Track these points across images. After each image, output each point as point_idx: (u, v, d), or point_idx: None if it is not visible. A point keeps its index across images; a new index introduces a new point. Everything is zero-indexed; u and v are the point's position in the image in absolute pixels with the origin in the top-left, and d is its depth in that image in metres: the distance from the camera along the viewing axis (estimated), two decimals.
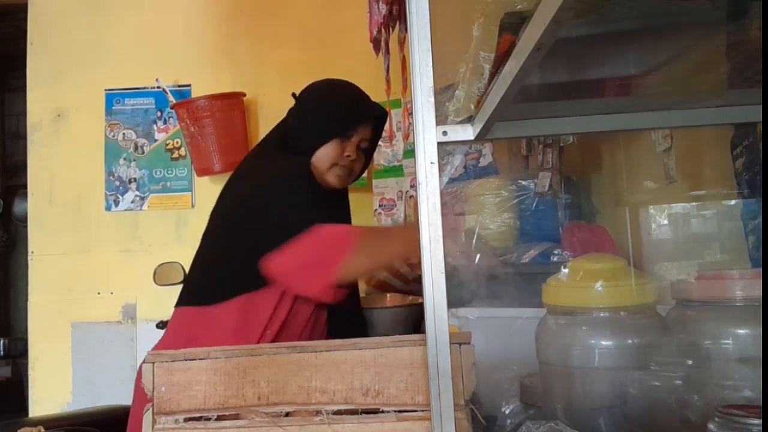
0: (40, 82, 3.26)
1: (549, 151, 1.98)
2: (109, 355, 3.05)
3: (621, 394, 1.01)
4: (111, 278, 3.13)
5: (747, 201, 1.26)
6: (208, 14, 3.20)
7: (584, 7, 0.61)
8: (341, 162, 1.53)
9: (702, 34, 0.76)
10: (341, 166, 1.53)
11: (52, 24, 3.27)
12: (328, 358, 0.96)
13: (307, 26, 3.14)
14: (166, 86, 3.08)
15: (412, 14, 0.85)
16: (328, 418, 0.93)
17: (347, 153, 1.53)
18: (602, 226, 1.90)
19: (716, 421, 0.77)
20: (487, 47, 0.78)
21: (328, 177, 1.53)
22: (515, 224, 1.94)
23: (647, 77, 0.90)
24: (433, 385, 0.85)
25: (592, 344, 1.04)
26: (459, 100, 0.90)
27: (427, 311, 0.84)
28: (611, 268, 1.08)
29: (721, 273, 0.99)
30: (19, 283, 4.99)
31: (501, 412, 1.28)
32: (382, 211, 2.89)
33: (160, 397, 0.97)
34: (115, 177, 3.21)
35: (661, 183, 1.62)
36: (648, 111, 1.02)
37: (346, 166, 1.54)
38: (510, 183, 1.96)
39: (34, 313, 3.17)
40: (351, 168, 1.56)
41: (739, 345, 0.91)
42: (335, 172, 1.53)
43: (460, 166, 2.29)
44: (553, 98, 0.99)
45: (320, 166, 1.52)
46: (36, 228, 3.22)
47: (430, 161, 0.85)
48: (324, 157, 1.51)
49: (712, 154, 1.45)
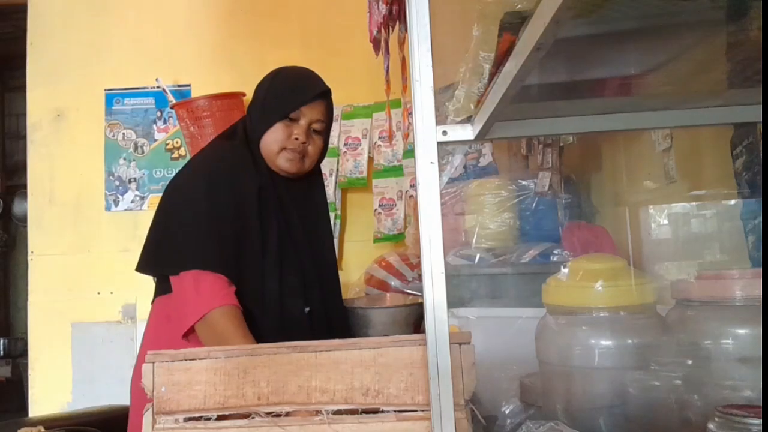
0: (40, 82, 3.26)
1: (549, 151, 1.98)
2: (109, 355, 3.05)
3: (621, 394, 1.01)
4: (111, 278, 3.13)
5: (747, 201, 1.26)
6: (208, 14, 3.20)
7: (584, 7, 0.61)
8: (289, 145, 1.49)
9: (702, 34, 0.76)
10: (290, 149, 1.49)
11: (52, 24, 3.27)
12: (328, 358, 0.96)
13: (307, 26, 3.14)
14: (166, 86, 3.08)
15: (412, 14, 0.85)
16: (328, 418, 0.93)
17: (295, 135, 1.49)
18: (602, 226, 1.90)
19: (716, 420, 0.77)
20: (487, 47, 0.79)
21: (278, 161, 1.50)
22: (515, 224, 1.94)
23: (647, 77, 0.90)
24: (433, 385, 0.85)
25: (592, 344, 1.04)
26: (459, 100, 0.90)
27: (427, 311, 0.84)
28: (611, 268, 1.08)
29: (721, 273, 0.99)
30: (19, 283, 4.99)
31: (501, 412, 1.28)
32: (382, 211, 2.89)
33: (160, 396, 0.97)
34: (115, 177, 3.21)
35: (661, 183, 1.62)
36: (648, 111, 1.02)
37: (296, 149, 1.50)
38: (510, 183, 1.97)
39: (34, 313, 3.17)
40: (303, 151, 1.51)
41: (739, 345, 0.91)
42: (285, 156, 1.50)
43: (460, 165, 2.29)
44: (553, 98, 0.99)
45: (269, 150, 1.50)
46: (36, 228, 3.22)
47: (430, 161, 0.85)
48: (271, 142, 1.49)
49: (712, 154, 1.46)
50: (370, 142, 2.97)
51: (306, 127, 1.50)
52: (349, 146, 2.97)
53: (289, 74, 1.58)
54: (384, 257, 2.50)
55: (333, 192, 2.96)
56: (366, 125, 2.97)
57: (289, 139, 1.49)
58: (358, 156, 2.96)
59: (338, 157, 2.98)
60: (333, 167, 2.97)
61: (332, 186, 2.96)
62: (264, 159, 1.51)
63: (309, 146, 1.52)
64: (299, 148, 1.50)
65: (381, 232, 2.89)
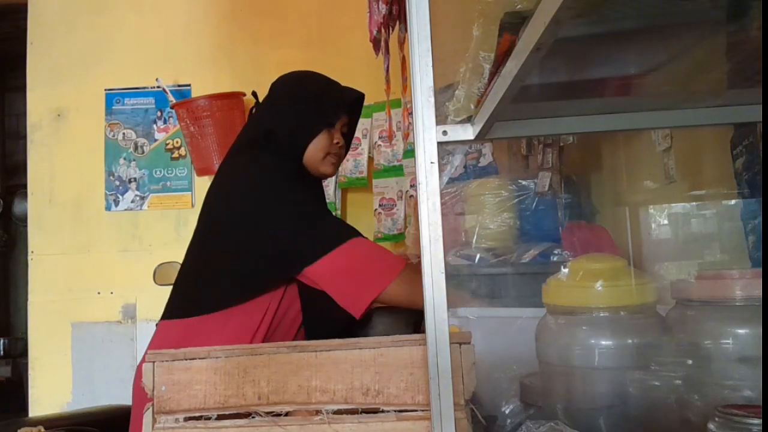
0: (40, 82, 3.26)
1: (549, 150, 1.98)
2: (109, 355, 3.05)
3: (621, 394, 1.01)
4: (111, 278, 3.13)
5: (747, 201, 1.26)
6: (208, 14, 3.20)
7: (584, 7, 0.61)
8: (332, 150, 1.58)
9: (702, 34, 0.76)
10: (333, 154, 1.58)
11: (52, 24, 3.27)
12: (328, 358, 0.96)
13: (307, 26, 3.14)
14: (166, 86, 3.08)
15: (412, 14, 0.85)
16: (328, 418, 0.93)
17: (336, 140, 1.58)
18: (602, 226, 1.90)
19: (716, 421, 0.77)
20: (487, 47, 0.79)
21: (322, 168, 1.58)
22: (515, 224, 1.94)
23: (647, 77, 0.90)
24: (433, 384, 0.85)
25: (592, 344, 1.04)
26: (459, 100, 0.90)
27: (427, 311, 0.84)
28: (611, 268, 1.08)
29: (721, 273, 0.99)
30: (19, 283, 4.99)
31: (501, 412, 1.28)
32: (382, 211, 2.89)
33: (161, 396, 0.97)
34: (115, 177, 3.21)
35: (661, 183, 1.62)
36: (648, 111, 1.02)
37: (337, 153, 1.60)
38: (510, 183, 1.96)
39: (34, 313, 3.17)
40: (340, 154, 1.62)
41: (739, 345, 0.91)
42: (329, 161, 1.58)
43: (460, 165, 2.29)
44: (553, 98, 0.99)
45: (314, 159, 1.56)
46: (36, 228, 3.22)
47: (430, 161, 0.85)
48: (317, 151, 1.55)
49: (712, 154, 1.45)
50: (370, 142, 2.97)
51: (340, 131, 1.60)
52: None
53: (318, 81, 1.63)
54: None
55: (333, 192, 2.96)
56: (366, 125, 2.97)
57: (332, 145, 1.56)
58: (358, 156, 2.96)
59: None
60: None
61: (332, 186, 2.96)
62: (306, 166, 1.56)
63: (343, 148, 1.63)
64: (340, 153, 1.61)
65: (381, 232, 2.89)
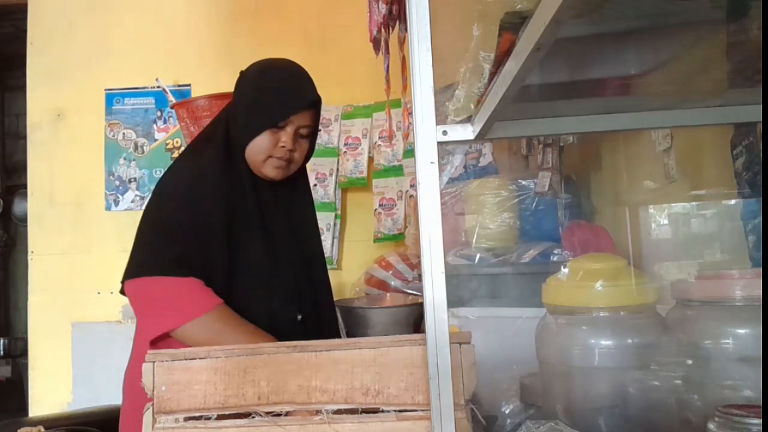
0: (40, 82, 3.26)
1: (549, 150, 1.98)
2: (109, 355, 3.04)
3: (621, 394, 1.01)
4: (111, 278, 3.11)
5: (747, 201, 1.26)
6: (208, 14, 3.20)
7: (584, 7, 0.61)
8: (276, 153, 1.44)
9: (702, 34, 0.76)
10: (277, 157, 1.45)
11: (52, 24, 3.27)
12: (328, 358, 0.96)
13: (307, 26, 3.14)
14: (166, 86, 3.08)
15: (412, 14, 0.85)
16: (328, 418, 0.93)
17: (282, 143, 1.44)
18: (602, 226, 1.90)
19: (716, 420, 0.77)
20: (487, 47, 0.79)
21: (264, 170, 1.46)
22: (515, 224, 1.94)
23: (647, 77, 0.90)
24: (433, 384, 0.85)
25: (592, 344, 1.04)
26: (459, 100, 0.90)
27: (427, 311, 0.84)
28: (611, 268, 1.08)
29: (721, 273, 0.99)
30: (19, 283, 4.99)
31: (501, 412, 1.28)
32: (382, 211, 2.89)
33: (160, 396, 0.97)
34: (115, 177, 3.21)
35: (661, 183, 1.62)
36: (648, 111, 1.02)
37: (283, 157, 1.45)
38: (510, 183, 1.96)
39: (34, 312, 3.17)
40: (289, 158, 1.47)
41: (739, 345, 0.91)
42: (272, 164, 1.45)
43: (460, 165, 2.30)
44: (553, 98, 0.99)
45: (254, 159, 1.45)
46: (36, 228, 3.22)
47: (430, 161, 0.85)
48: (258, 151, 1.44)
49: (712, 154, 1.45)
50: (370, 142, 2.97)
51: (293, 134, 1.45)
52: (349, 146, 2.97)
53: (278, 76, 1.52)
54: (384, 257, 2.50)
55: (333, 192, 2.97)
56: (366, 125, 2.97)
57: (275, 147, 1.44)
58: (358, 156, 2.96)
59: (338, 156, 2.98)
60: (333, 167, 2.97)
61: (332, 186, 2.96)
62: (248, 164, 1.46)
63: (296, 153, 1.47)
64: (286, 156, 1.45)
65: (381, 232, 2.89)
